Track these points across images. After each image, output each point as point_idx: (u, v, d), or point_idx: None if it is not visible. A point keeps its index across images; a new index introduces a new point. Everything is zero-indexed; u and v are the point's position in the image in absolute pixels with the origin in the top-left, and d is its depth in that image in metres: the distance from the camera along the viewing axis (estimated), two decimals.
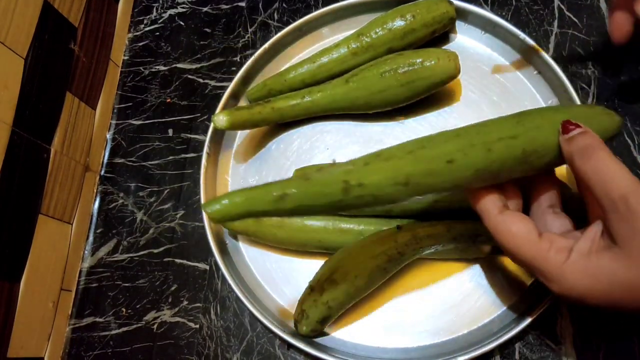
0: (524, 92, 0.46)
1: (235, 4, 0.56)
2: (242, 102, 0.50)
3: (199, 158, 0.48)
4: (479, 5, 0.49)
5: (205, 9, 0.56)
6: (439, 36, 0.48)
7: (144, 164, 0.52)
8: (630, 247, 0.24)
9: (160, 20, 0.57)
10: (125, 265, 0.48)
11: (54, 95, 0.47)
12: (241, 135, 0.50)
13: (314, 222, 0.42)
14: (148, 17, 0.57)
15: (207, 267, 0.47)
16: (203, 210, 0.31)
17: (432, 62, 0.43)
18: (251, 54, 0.49)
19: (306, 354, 0.42)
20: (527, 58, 0.46)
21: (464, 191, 0.31)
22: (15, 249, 0.41)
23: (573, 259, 0.26)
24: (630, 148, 0.44)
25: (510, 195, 0.32)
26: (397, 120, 0.47)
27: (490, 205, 0.30)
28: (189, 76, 0.54)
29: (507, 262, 0.42)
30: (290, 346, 0.43)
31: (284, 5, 0.55)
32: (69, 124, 0.48)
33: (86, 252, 0.50)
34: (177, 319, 0.46)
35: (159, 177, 0.51)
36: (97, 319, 0.47)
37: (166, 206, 0.50)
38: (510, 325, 0.38)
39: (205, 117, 0.52)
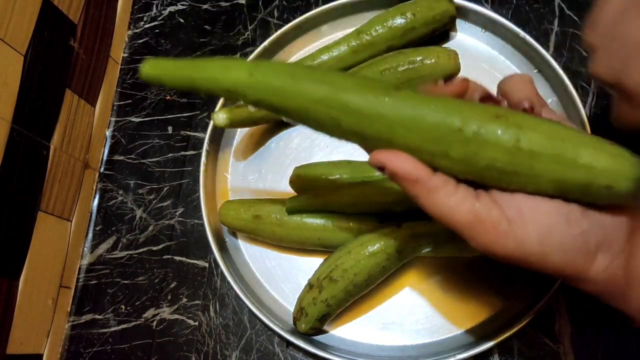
0: None
1: (235, 1, 0.56)
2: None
3: (199, 156, 0.48)
4: (480, 3, 0.49)
5: (205, 7, 0.56)
6: (439, 34, 0.48)
7: (143, 161, 0.52)
8: None
9: (160, 18, 0.57)
10: (125, 263, 0.48)
11: (54, 92, 0.47)
12: (241, 132, 0.50)
13: (314, 220, 0.42)
14: (148, 14, 0.57)
15: (207, 265, 0.47)
16: None
17: (432, 60, 0.43)
18: (251, 52, 0.49)
19: (305, 352, 0.42)
20: (527, 56, 0.46)
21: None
22: (14, 245, 0.41)
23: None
24: None
25: None
26: None
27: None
28: None
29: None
30: (289, 344, 0.43)
31: (283, 2, 0.55)
32: (69, 121, 0.48)
33: (85, 249, 0.50)
34: (176, 316, 0.46)
35: (158, 174, 0.51)
36: (96, 316, 0.47)
37: (165, 203, 0.50)
38: (508, 323, 0.39)
39: (205, 114, 0.52)
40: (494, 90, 0.30)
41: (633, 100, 0.24)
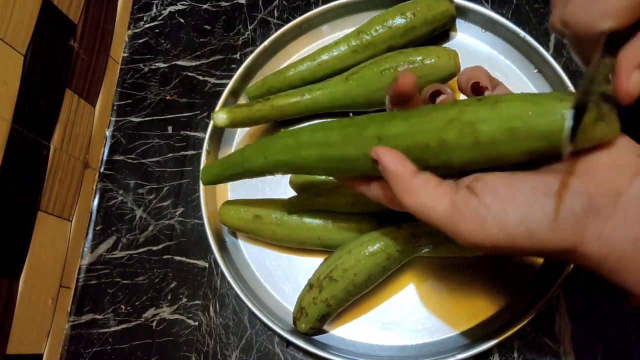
0: (523, 91, 0.46)
1: (235, 1, 0.56)
2: (242, 100, 0.50)
3: (199, 155, 0.48)
4: (480, 3, 0.49)
5: (205, 6, 0.56)
6: (439, 34, 0.48)
7: (143, 161, 0.52)
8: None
9: (160, 17, 0.57)
10: (125, 263, 0.48)
11: (54, 92, 0.47)
12: (241, 132, 0.50)
13: (314, 220, 0.42)
14: (148, 14, 0.57)
15: (207, 265, 0.47)
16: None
17: (432, 60, 0.43)
18: (251, 52, 0.49)
19: (305, 352, 0.42)
20: (527, 56, 0.46)
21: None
22: (14, 245, 0.41)
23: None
24: None
25: None
26: None
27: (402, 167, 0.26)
28: (189, 73, 0.54)
29: (506, 260, 0.42)
30: (289, 344, 0.43)
31: (283, 2, 0.55)
32: (69, 120, 0.48)
33: (85, 249, 0.50)
34: (176, 316, 0.46)
35: (158, 174, 0.51)
36: (97, 316, 0.47)
37: (165, 203, 0.50)
38: (508, 323, 0.39)
39: (205, 114, 0.52)
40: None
41: (576, 36, 0.26)
